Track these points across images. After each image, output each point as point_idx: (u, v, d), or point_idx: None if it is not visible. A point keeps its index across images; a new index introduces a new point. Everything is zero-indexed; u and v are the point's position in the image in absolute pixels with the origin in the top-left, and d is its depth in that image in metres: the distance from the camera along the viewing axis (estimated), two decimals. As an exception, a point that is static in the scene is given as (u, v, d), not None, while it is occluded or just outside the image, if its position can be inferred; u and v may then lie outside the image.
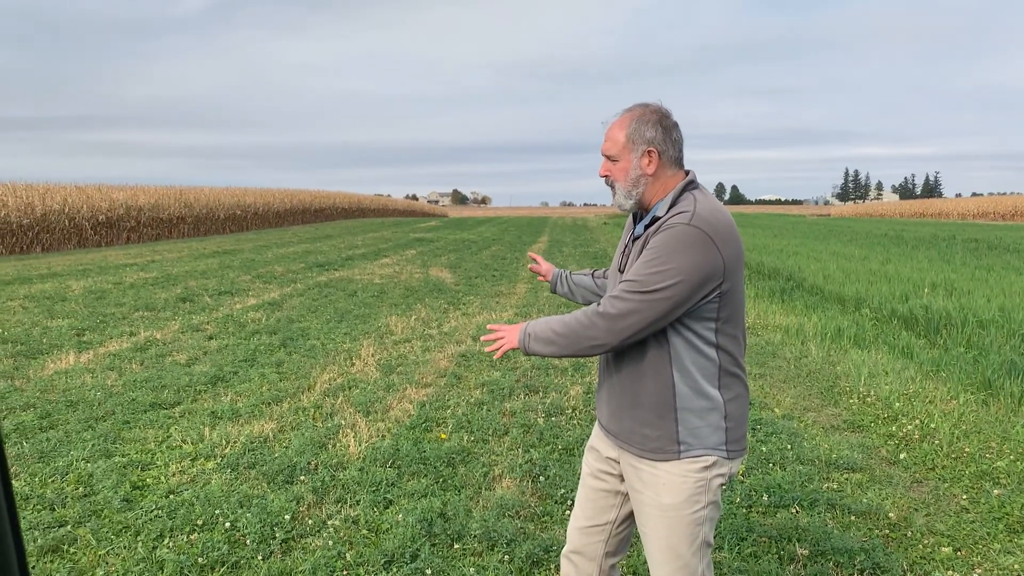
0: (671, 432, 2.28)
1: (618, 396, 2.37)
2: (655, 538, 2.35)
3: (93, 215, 26.54)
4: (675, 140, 2.31)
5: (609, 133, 2.33)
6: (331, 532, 3.91)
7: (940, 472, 4.81)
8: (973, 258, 18.65)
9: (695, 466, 2.28)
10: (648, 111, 2.30)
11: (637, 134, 2.28)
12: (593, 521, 2.54)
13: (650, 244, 2.20)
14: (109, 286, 13.62)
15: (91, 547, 3.75)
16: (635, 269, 2.19)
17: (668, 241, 2.15)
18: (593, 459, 2.56)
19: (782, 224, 48.07)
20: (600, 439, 2.54)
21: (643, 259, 2.18)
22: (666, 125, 2.29)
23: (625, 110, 2.33)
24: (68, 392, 6.47)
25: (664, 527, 2.32)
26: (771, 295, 12.47)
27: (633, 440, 2.34)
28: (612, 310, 2.18)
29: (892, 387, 6.59)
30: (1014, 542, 3.88)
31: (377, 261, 19.45)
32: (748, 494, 4.38)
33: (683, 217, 2.18)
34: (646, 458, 2.31)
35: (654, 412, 2.28)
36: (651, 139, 2.28)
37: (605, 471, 2.52)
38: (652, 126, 2.28)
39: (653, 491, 2.32)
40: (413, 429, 5.52)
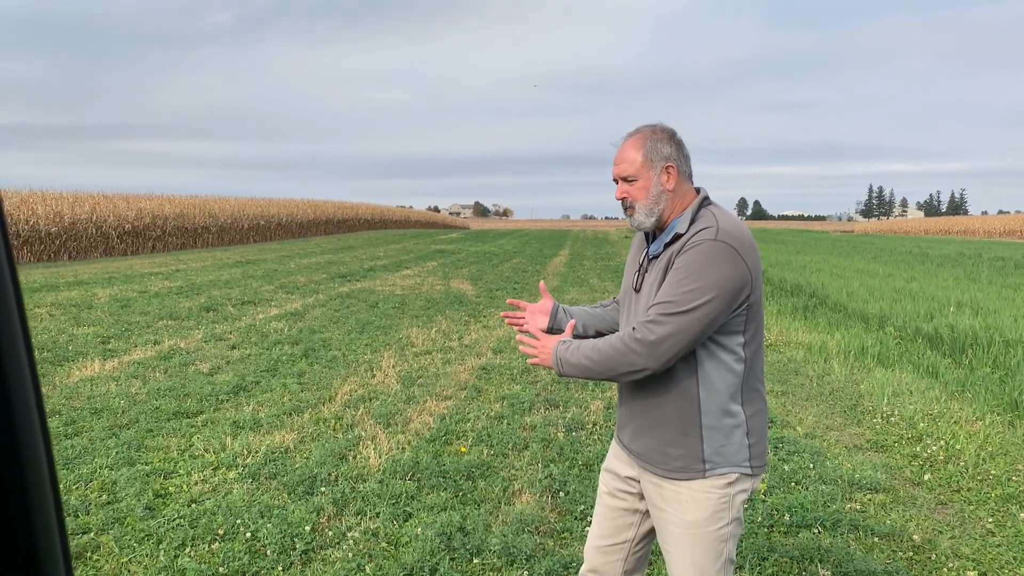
0: (696, 451, 2.27)
1: (641, 415, 2.36)
2: (679, 556, 2.33)
3: (120, 224, 26.88)
4: (686, 156, 2.35)
5: (622, 155, 2.33)
6: (351, 544, 3.92)
7: (965, 494, 4.75)
8: (1000, 276, 18.44)
9: (719, 483, 2.28)
10: (658, 130, 2.33)
11: (654, 152, 2.30)
12: (611, 540, 2.53)
13: (677, 263, 2.19)
14: (134, 294, 13.77)
15: (114, 554, 3.78)
16: (667, 290, 2.18)
17: (697, 258, 2.16)
18: (610, 478, 2.55)
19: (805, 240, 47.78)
20: (618, 458, 2.53)
21: (673, 279, 2.18)
22: (677, 141, 2.34)
23: (632, 133, 2.36)
24: (93, 399, 6.54)
25: (688, 545, 2.31)
26: (794, 312, 12.39)
27: (656, 459, 2.33)
28: (651, 335, 2.16)
29: (916, 407, 6.52)
30: (1041, 567, 3.82)
31: (399, 272, 19.53)
32: (770, 513, 4.34)
33: (708, 233, 2.19)
34: (670, 477, 2.31)
35: (679, 430, 2.27)
36: (668, 155, 2.31)
37: (623, 490, 2.51)
38: (666, 143, 2.31)
39: (676, 509, 2.31)
40: (433, 442, 5.53)
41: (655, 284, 2.27)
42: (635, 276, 2.42)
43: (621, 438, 2.50)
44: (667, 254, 2.26)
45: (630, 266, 2.50)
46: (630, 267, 2.50)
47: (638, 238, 2.53)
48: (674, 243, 2.26)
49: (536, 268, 21.48)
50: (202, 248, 31.47)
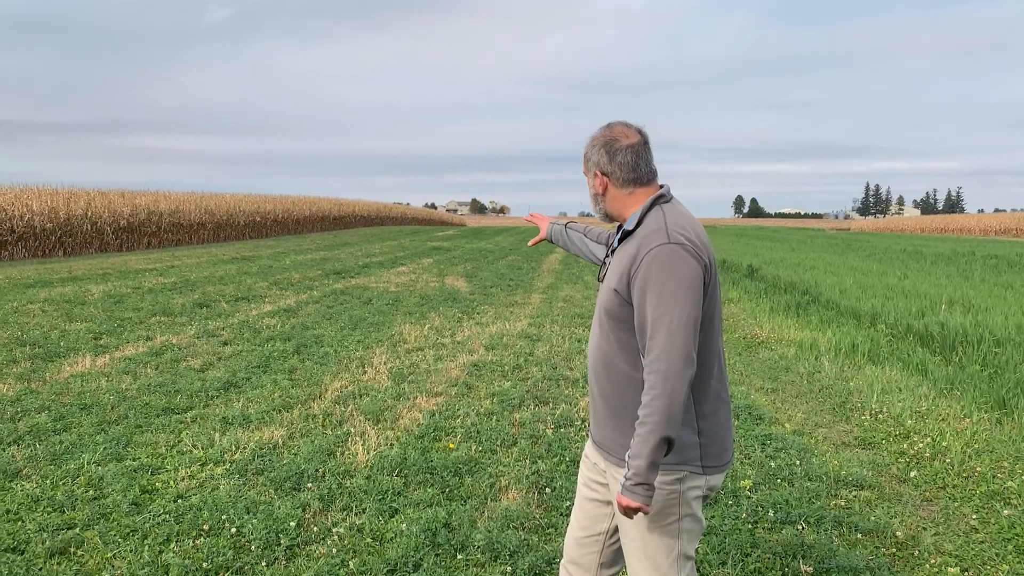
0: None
1: (601, 405, 2.43)
2: (633, 547, 2.39)
3: (115, 220, 26.83)
4: (622, 163, 2.36)
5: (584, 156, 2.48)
6: (335, 540, 3.93)
7: (950, 491, 4.77)
8: (992, 275, 18.48)
9: (667, 479, 2.31)
10: (601, 134, 2.40)
11: (588, 157, 2.44)
12: (587, 531, 2.57)
13: (637, 280, 2.21)
14: (128, 291, 13.76)
15: (98, 550, 3.79)
16: (646, 312, 2.18)
17: (654, 267, 2.19)
18: (586, 469, 2.59)
19: (800, 238, 47.82)
20: (590, 451, 2.58)
21: (645, 300, 2.19)
22: (612, 149, 2.36)
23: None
24: (83, 395, 6.54)
25: (640, 537, 2.36)
26: (786, 309, 12.41)
27: (613, 449, 2.39)
28: (663, 367, 2.13)
29: (905, 404, 6.54)
30: (1023, 564, 3.84)
31: (393, 269, 19.53)
32: (754, 510, 4.36)
33: (658, 236, 2.22)
34: (622, 467, 2.33)
35: (631, 421, 2.28)
36: (596, 162, 2.41)
37: (597, 481, 2.54)
38: (598, 150, 2.39)
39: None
40: (422, 438, 5.53)
41: (614, 275, 2.34)
42: (602, 268, 2.53)
43: (590, 428, 2.55)
44: (622, 250, 2.36)
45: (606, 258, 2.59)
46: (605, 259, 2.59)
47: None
48: (625, 240, 2.37)
49: (531, 265, 21.49)
50: (197, 244, 31.43)
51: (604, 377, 2.39)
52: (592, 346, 2.45)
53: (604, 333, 2.37)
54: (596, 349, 2.42)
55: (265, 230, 39.14)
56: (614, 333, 2.34)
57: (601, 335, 2.39)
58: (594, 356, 2.43)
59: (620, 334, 2.32)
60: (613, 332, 2.34)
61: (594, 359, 2.43)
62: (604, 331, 2.37)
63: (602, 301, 2.38)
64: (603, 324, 2.38)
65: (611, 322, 2.34)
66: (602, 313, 2.38)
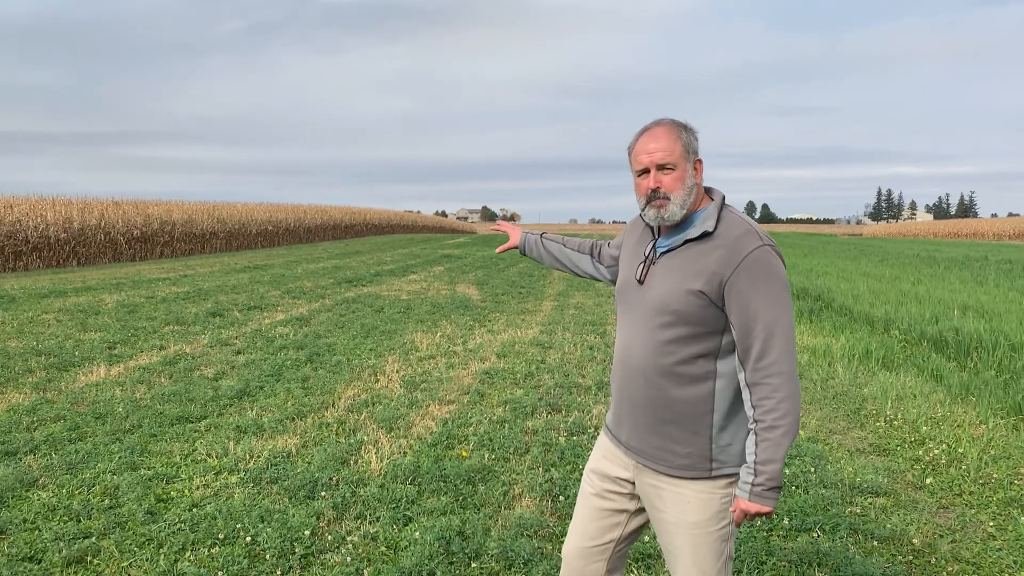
0: (704, 450, 2.27)
1: (645, 412, 2.32)
2: (681, 556, 2.33)
3: (128, 230, 27.00)
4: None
5: (658, 143, 2.26)
6: (350, 548, 3.93)
7: (967, 498, 4.74)
8: (1007, 280, 18.35)
9: (722, 483, 2.28)
10: (687, 124, 2.30)
11: (690, 144, 2.28)
12: (597, 541, 2.51)
13: (745, 280, 2.16)
14: (141, 300, 13.83)
15: (114, 559, 3.80)
16: (756, 314, 2.16)
17: (759, 269, 2.17)
18: (598, 479, 2.51)
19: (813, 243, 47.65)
20: (609, 458, 2.50)
21: (751, 303, 2.16)
22: (698, 138, 2.33)
23: (661, 121, 2.31)
24: (97, 405, 6.58)
25: (691, 545, 2.31)
26: (799, 315, 12.36)
27: (658, 457, 2.32)
28: (786, 369, 2.16)
29: (920, 410, 6.50)
30: (1041, 571, 3.81)
31: (405, 277, 19.57)
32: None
33: (753, 238, 2.20)
34: (672, 476, 2.30)
35: (689, 429, 2.26)
36: (697, 150, 2.31)
37: (612, 490, 2.49)
38: (696, 138, 2.31)
39: (678, 510, 2.31)
40: (435, 446, 5.54)
41: (675, 278, 2.25)
42: (639, 268, 2.37)
43: (617, 435, 2.45)
44: (694, 251, 2.24)
45: (632, 257, 2.44)
46: (632, 258, 2.44)
47: (637, 230, 2.49)
48: (701, 240, 2.24)
49: (542, 272, 21.48)
50: (210, 253, 31.59)
51: (659, 383, 2.27)
52: (639, 350, 2.30)
53: (666, 336, 2.25)
54: (649, 353, 2.28)
55: (277, 239, 39.29)
56: (684, 336, 2.23)
57: (660, 338, 2.26)
58: (644, 361, 2.29)
59: (693, 337, 2.23)
60: (683, 335, 2.23)
61: (644, 364, 2.29)
62: (667, 334, 2.25)
63: (667, 303, 2.24)
64: (665, 327, 2.25)
65: (683, 325, 2.23)
66: (665, 316, 2.24)
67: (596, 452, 2.57)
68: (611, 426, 2.51)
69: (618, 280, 2.52)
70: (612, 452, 2.49)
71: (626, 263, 2.47)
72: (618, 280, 2.52)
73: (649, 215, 2.30)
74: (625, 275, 2.44)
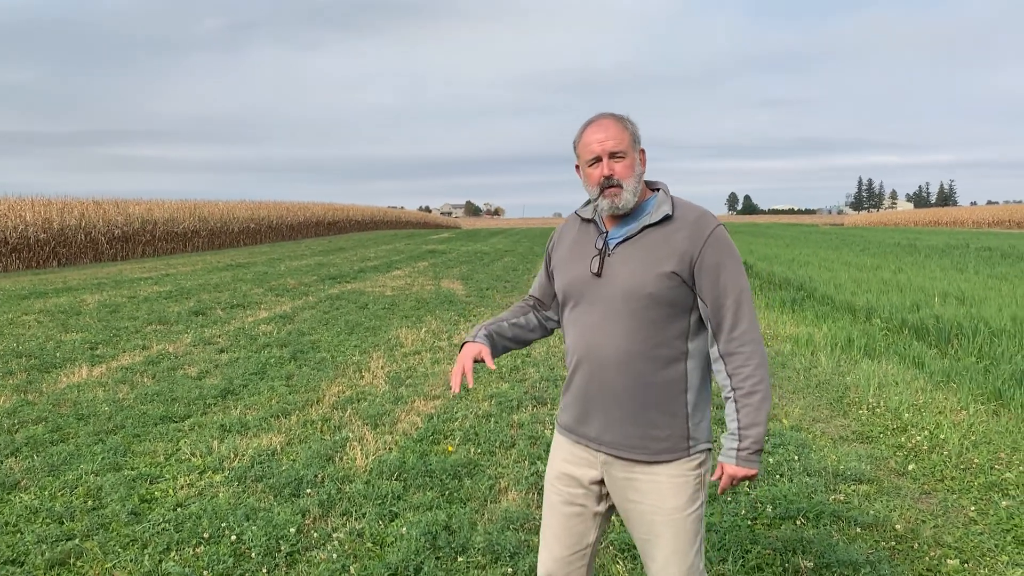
0: (682, 429, 2.31)
1: (618, 404, 2.30)
2: (661, 545, 2.33)
3: (109, 229, 26.79)
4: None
5: (608, 132, 2.30)
6: (336, 545, 3.92)
7: (949, 483, 4.78)
8: (986, 267, 18.53)
9: (695, 462, 2.33)
10: (628, 117, 2.36)
11: (635, 134, 2.34)
12: (575, 548, 2.46)
13: (710, 259, 2.26)
14: (123, 300, 13.73)
15: (98, 560, 3.78)
16: (725, 288, 2.26)
17: (721, 246, 2.29)
18: (566, 485, 2.45)
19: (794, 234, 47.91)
20: (573, 462, 2.43)
21: (719, 277, 2.26)
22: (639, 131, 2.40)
23: (606, 114, 2.35)
24: (79, 405, 6.53)
25: (671, 532, 2.32)
26: (782, 305, 12.44)
27: (638, 445, 2.31)
28: (757, 336, 2.29)
29: (902, 398, 6.56)
30: (1022, 554, 3.85)
31: (389, 273, 19.52)
32: (753, 506, 4.36)
33: (710, 218, 2.33)
34: (648, 463, 2.30)
35: (667, 411, 2.29)
36: (640, 140, 2.37)
37: (582, 494, 2.44)
38: (635, 126, 2.36)
39: (655, 498, 2.32)
40: (420, 442, 5.53)
41: (642, 263, 2.27)
42: (593, 261, 2.35)
43: (584, 433, 2.40)
44: (655, 236, 2.29)
45: (576, 255, 2.41)
46: (576, 256, 2.41)
47: (571, 231, 2.48)
48: (662, 225, 2.29)
49: (527, 266, 21.50)
50: (192, 252, 31.40)
51: (637, 370, 2.26)
52: (609, 341, 2.28)
53: (641, 322, 2.25)
54: (623, 341, 2.27)
55: (260, 236, 39.11)
56: (658, 319, 2.25)
57: (634, 325, 2.26)
58: (617, 350, 2.27)
59: (666, 319, 2.26)
60: (657, 317, 2.25)
61: (618, 353, 2.27)
62: (641, 319, 2.25)
63: (639, 288, 2.25)
64: (638, 312, 2.25)
65: (657, 308, 2.25)
66: (638, 301, 2.25)
67: (555, 459, 2.50)
68: (571, 427, 2.43)
69: (561, 282, 2.44)
70: (575, 454, 2.44)
71: (570, 262, 2.42)
72: (561, 282, 2.44)
73: (603, 205, 2.32)
74: (574, 273, 2.39)
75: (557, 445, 2.51)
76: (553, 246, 2.56)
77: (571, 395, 2.43)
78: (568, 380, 2.44)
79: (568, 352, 2.43)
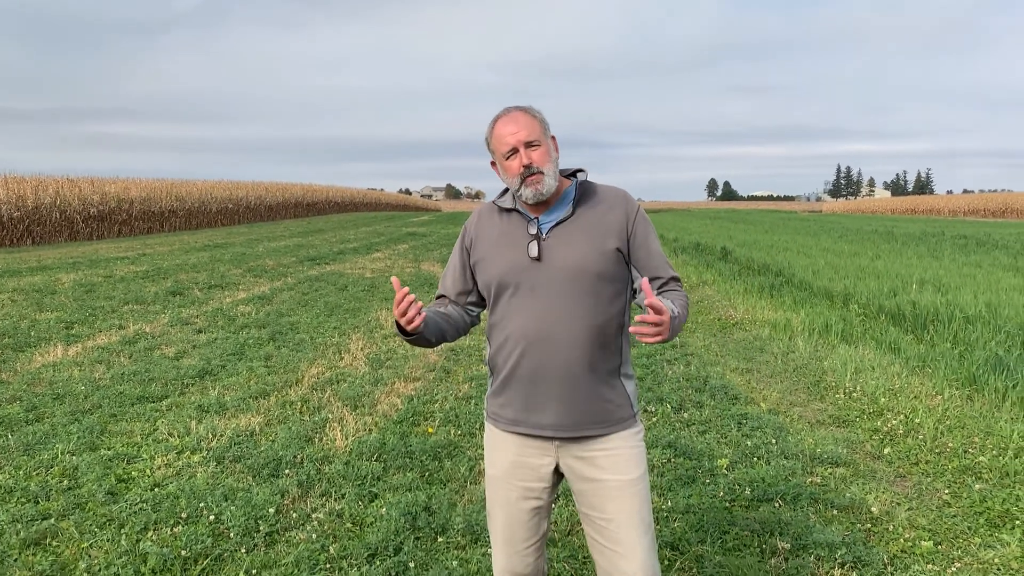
0: (625, 398, 2.40)
1: (577, 383, 2.30)
2: (626, 518, 2.33)
3: (85, 208, 26.47)
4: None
5: (520, 123, 2.34)
6: (315, 525, 3.91)
7: (923, 467, 4.84)
8: (962, 254, 18.74)
9: (639, 428, 2.43)
10: (527, 105, 2.42)
11: (545, 123, 2.41)
12: (530, 540, 2.47)
13: (641, 226, 2.41)
14: (99, 279, 13.58)
15: (74, 540, 3.75)
16: (654, 248, 2.42)
17: (644, 215, 2.44)
18: (520, 480, 2.43)
19: (773, 220, 48.18)
20: (524, 455, 2.41)
21: (648, 237, 2.42)
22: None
23: (512, 108, 2.40)
24: (55, 385, 6.46)
25: (636, 503, 2.35)
26: (760, 290, 12.51)
27: (598, 419, 2.34)
28: (677, 274, 2.48)
29: (878, 382, 6.62)
30: (994, 536, 3.91)
31: (369, 255, 19.44)
32: (731, 488, 4.40)
33: (630, 196, 2.47)
34: (606, 435, 2.35)
35: (616, 380, 2.38)
36: (549, 128, 2.43)
37: (539, 487, 2.43)
38: (546, 118, 2.42)
39: (615, 471, 2.34)
40: (400, 423, 5.53)
41: (583, 244, 2.33)
42: (531, 246, 2.33)
43: (536, 423, 2.36)
44: (589, 217, 2.37)
45: (507, 244, 2.38)
46: (508, 244, 2.38)
47: (493, 223, 2.44)
48: (593, 206, 2.39)
49: (507, 250, 21.49)
50: (169, 232, 31.10)
51: (590, 346, 2.29)
52: (558, 323, 2.28)
53: (589, 300, 2.30)
54: (574, 320, 2.28)
55: (238, 217, 38.80)
56: (604, 296, 2.33)
57: (584, 304, 2.29)
58: (568, 330, 2.28)
59: (611, 295, 2.35)
60: (603, 295, 2.32)
61: (569, 333, 2.28)
62: (589, 298, 2.30)
63: (585, 266, 2.29)
64: (587, 291, 2.29)
65: (603, 285, 2.32)
66: (584, 281, 2.29)
67: (502, 458, 2.45)
68: (519, 419, 2.39)
69: (495, 272, 2.38)
70: (525, 448, 2.41)
71: (501, 252, 2.38)
72: (495, 272, 2.38)
73: (527, 193, 2.32)
74: (509, 261, 2.35)
75: (499, 441, 2.45)
76: (472, 241, 2.48)
77: (515, 387, 2.37)
78: (508, 372, 2.37)
79: (506, 342, 2.36)
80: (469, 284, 2.52)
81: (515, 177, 2.32)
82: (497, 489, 2.47)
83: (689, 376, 6.88)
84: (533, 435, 2.38)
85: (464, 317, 2.55)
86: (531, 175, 2.30)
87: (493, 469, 2.48)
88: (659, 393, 6.32)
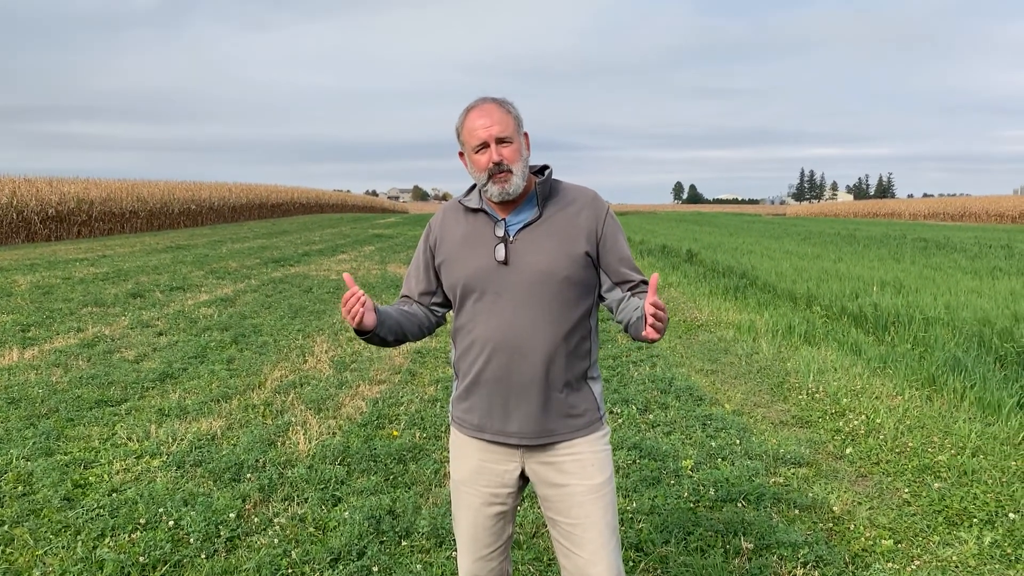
0: (592, 402, 2.37)
1: (544, 389, 2.26)
2: (592, 521, 2.31)
3: (43, 209, 25.95)
4: None
5: (492, 117, 2.23)
6: (277, 530, 3.86)
7: (884, 466, 4.90)
8: (922, 257, 19.05)
9: (605, 431, 2.40)
10: (508, 100, 2.31)
11: (519, 118, 2.31)
12: (494, 545, 2.44)
13: (611, 227, 2.35)
14: (57, 281, 13.33)
15: (28, 547, 3.66)
16: (624, 250, 2.38)
17: (615, 219, 2.39)
18: (485, 486, 2.39)
19: (738, 223, 48.64)
20: (490, 461, 2.38)
21: (617, 240, 2.36)
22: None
23: (487, 99, 2.29)
24: (10, 389, 6.32)
25: (603, 507, 2.32)
26: (724, 292, 12.61)
27: (560, 427, 2.30)
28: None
29: (840, 383, 6.70)
30: (953, 534, 3.96)
31: (334, 257, 19.30)
32: (696, 488, 4.42)
33: (600, 197, 2.41)
34: (573, 440, 2.31)
35: (580, 389, 2.33)
36: (523, 123, 2.33)
37: (503, 492, 2.40)
38: (520, 113, 2.33)
39: (582, 476, 2.31)
40: (365, 426, 5.48)
41: (551, 247, 2.26)
42: (498, 249, 2.27)
43: (503, 429, 2.32)
44: (558, 219, 2.30)
45: (474, 246, 2.31)
46: (474, 247, 2.31)
47: (458, 223, 2.37)
48: (563, 207, 2.32)
49: (473, 252, 21.46)
50: (130, 233, 30.60)
51: (559, 353, 2.25)
52: (534, 327, 2.24)
53: (557, 305, 2.25)
54: (547, 328, 2.24)
55: (200, 218, 38.31)
56: (572, 300, 2.28)
57: (553, 309, 2.24)
58: (541, 336, 2.24)
59: (578, 299, 2.30)
60: (571, 299, 2.27)
61: (536, 339, 2.23)
62: (557, 303, 2.25)
63: (553, 270, 2.24)
64: (556, 296, 2.24)
65: (571, 289, 2.27)
66: (553, 285, 2.24)
67: (467, 460, 2.41)
68: (483, 425, 2.34)
69: (460, 275, 2.32)
70: (490, 454, 2.37)
71: (467, 254, 2.32)
72: (460, 275, 2.32)
73: (492, 191, 2.25)
74: (475, 264, 2.29)
75: (463, 445, 2.41)
76: (437, 240, 2.41)
77: (480, 392, 2.32)
78: (473, 377, 2.32)
79: (471, 347, 2.31)
80: (433, 285, 2.46)
81: (483, 172, 2.25)
82: (462, 494, 2.44)
83: (655, 377, 6.91)
84: (498, 442, 2.34)
85: (429, 317, 2.48)
86: (500, 172, 2.23)
87: (458, 474, 2.45)
88: (625, 395, 6.33)
